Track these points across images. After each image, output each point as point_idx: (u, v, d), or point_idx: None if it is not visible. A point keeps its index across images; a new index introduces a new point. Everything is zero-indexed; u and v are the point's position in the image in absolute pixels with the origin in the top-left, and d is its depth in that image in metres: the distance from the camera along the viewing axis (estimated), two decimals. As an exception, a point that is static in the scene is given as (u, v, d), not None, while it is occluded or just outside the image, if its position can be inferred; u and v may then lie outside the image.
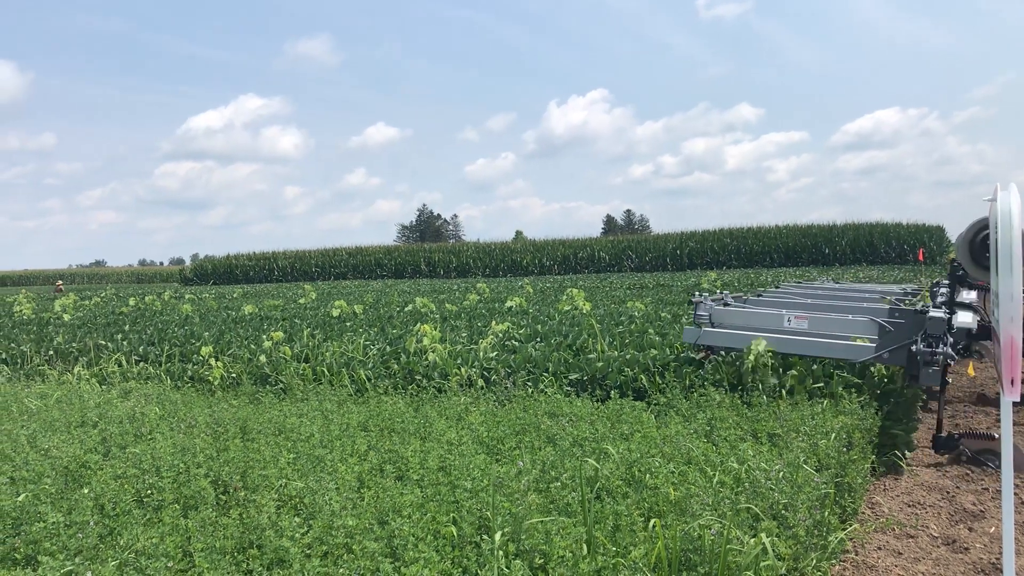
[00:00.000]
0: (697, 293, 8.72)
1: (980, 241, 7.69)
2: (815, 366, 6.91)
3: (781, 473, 4.20)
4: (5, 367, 10.36)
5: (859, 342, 7.04)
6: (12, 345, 11.37)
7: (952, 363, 6.54)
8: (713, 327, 7.91)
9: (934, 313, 6.66)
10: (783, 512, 3.90)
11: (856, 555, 4.68)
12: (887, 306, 8.64)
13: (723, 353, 7.43)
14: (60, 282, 50.86)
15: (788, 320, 7.66)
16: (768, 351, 6.98)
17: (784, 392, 6.52)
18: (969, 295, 8.89)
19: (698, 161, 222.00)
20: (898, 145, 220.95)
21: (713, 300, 8.37)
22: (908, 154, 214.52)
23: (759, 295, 11.30)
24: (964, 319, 7.86)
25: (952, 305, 8.06)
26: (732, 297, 9.02)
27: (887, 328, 6.89)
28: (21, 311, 19.33)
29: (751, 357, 6.86)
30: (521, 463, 4.56)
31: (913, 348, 6.55)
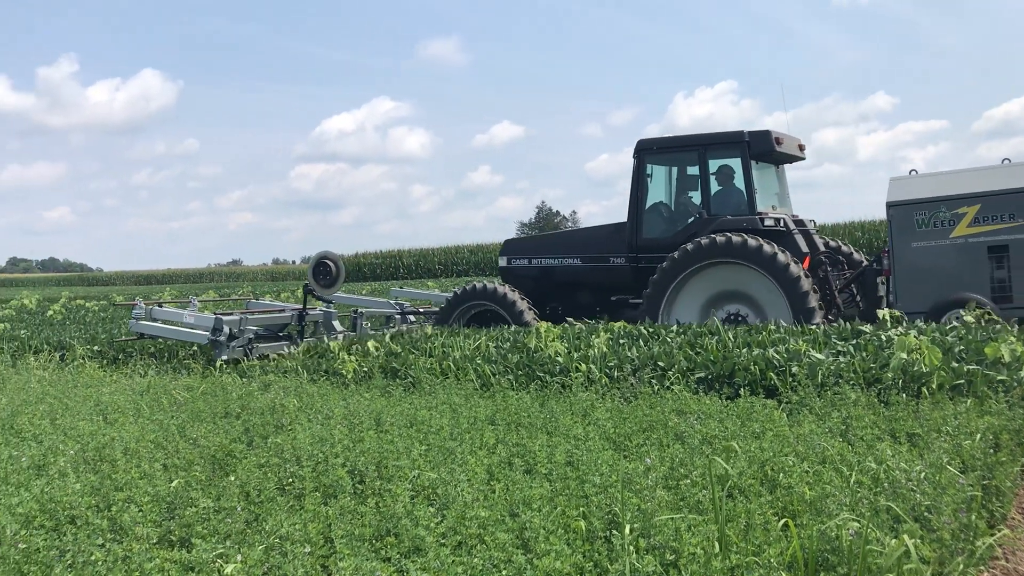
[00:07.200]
0: (139, 299, 13.41)
1: (319, 267, 11.54)
2: (955, 364, 6.62)
3: (923, 474, 4.04)
4: (154, 360, 10.99)
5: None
6: (160, 340, 12.01)
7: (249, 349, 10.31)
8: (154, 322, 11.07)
9: (225, 318, 10.05)
10: (926, 514, 3.75)
11: (1007, 562, 4.45)
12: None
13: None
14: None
15: (184, 317, 10.68)
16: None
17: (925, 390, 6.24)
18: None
19: (828, 152, 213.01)
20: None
21: (146, 303, 11.49)
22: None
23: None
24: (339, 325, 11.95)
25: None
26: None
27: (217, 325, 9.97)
28: (166, 308, 20.36)
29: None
30: (649, 459, 4.53)
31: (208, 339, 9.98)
